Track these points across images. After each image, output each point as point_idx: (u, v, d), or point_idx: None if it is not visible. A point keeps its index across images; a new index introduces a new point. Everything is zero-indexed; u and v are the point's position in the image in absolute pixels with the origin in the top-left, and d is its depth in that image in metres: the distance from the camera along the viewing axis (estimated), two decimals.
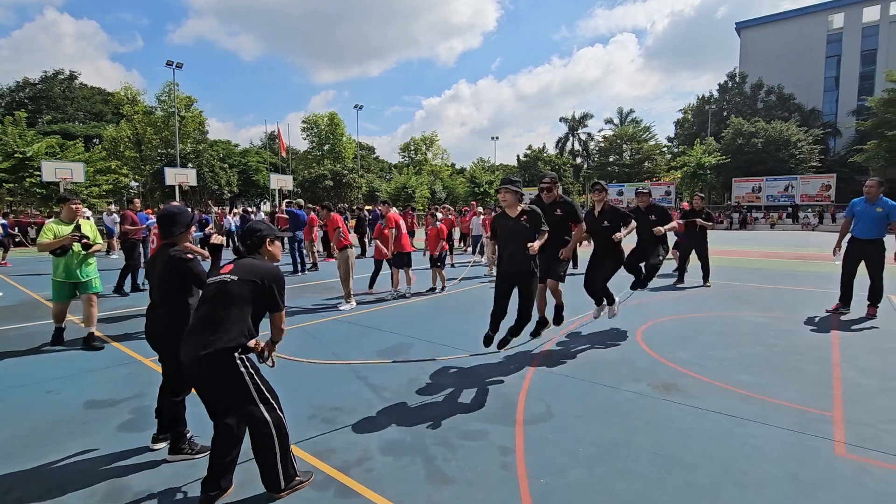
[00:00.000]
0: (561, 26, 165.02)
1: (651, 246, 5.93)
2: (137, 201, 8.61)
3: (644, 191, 6.21)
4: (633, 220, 5.14)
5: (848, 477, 2.64)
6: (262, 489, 2.51)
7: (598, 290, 5.27)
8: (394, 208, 8.74)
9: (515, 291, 4.20)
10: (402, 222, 8.33)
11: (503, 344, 4.37)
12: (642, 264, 5.99)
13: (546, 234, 4.02)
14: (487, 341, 4.29)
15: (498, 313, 4.21)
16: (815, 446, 2.98)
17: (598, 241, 5.18)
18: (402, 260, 8.10)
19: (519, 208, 4.05)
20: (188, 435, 2.95)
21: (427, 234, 8.76)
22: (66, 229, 5.05)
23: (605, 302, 5.31)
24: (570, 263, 4.75)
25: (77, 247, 5.08)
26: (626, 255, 6.04)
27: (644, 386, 4.00)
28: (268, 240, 2.58)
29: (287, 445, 2.46)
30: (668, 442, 3.05)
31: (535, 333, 4.78)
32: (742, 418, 3.36)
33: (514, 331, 4.31)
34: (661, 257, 5.96)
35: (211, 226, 15.17)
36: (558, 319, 4.78)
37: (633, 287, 6.11)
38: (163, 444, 2.99)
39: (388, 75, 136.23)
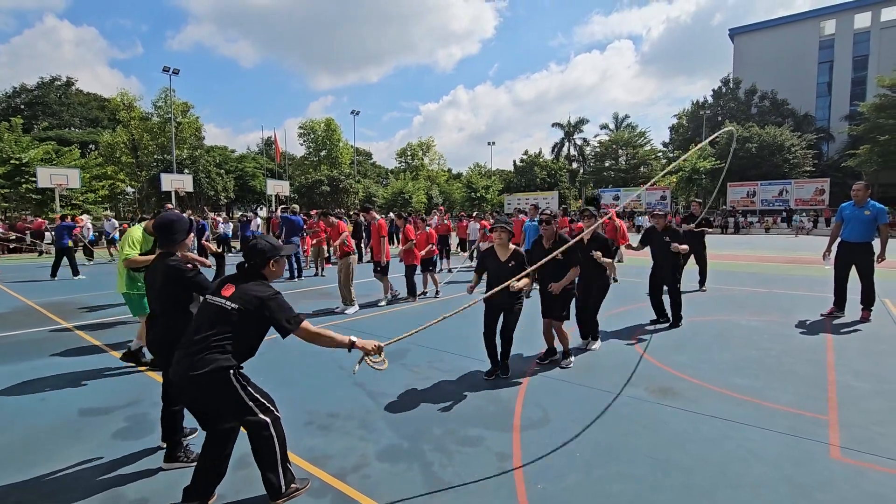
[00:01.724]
0: (558, 33, 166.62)
1: (667, 266, 6.00)
2: (169, 206, 8.54)
3: (660, 213, 6.25)
4: (610, 256, 5.13)
5: (843, 479, 2.65)
6: (255, 495, 2.50)
7: (587, 318, 5.25)
8: (389, 215, 8.85)
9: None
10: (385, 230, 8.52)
11: (505, 370, 4.46)
12: (664, 296, 6.13)
13: (528, 280, 4.22)
14: (491, 375, 4.39)
15: (489, 335, 4.40)
16: (811, 449, 2.99)
17: (585, 265, 5.18)
18: (385, 268, 8.14)
19: (511, 248, 4.32)
20: (185, 443, 2.94)
21: (417, 239, 8.80)
22: (150, 241, 4.55)
23: (589, 337, 5.33)
24: (572, 300, 4.77)
25: None
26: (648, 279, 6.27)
27: (640, 390, 4.01)
28: (271, 261, 2.55)
29: (286, 449, 2.47)
30: (664, 445, 3.06)
31: (543, 359, 4.82)
32: (738, 422, 3.38)
33: (504, 354, 4.44)
34: (678, 278, 6.06)
35: (207, 233, 15.12)
36: (565, 364, 4.77)
37: (672, 327, 6.14)
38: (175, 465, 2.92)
39: (387, 81, 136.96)
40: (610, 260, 5.05)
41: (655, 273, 6.28)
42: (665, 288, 6.20)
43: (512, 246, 4.33)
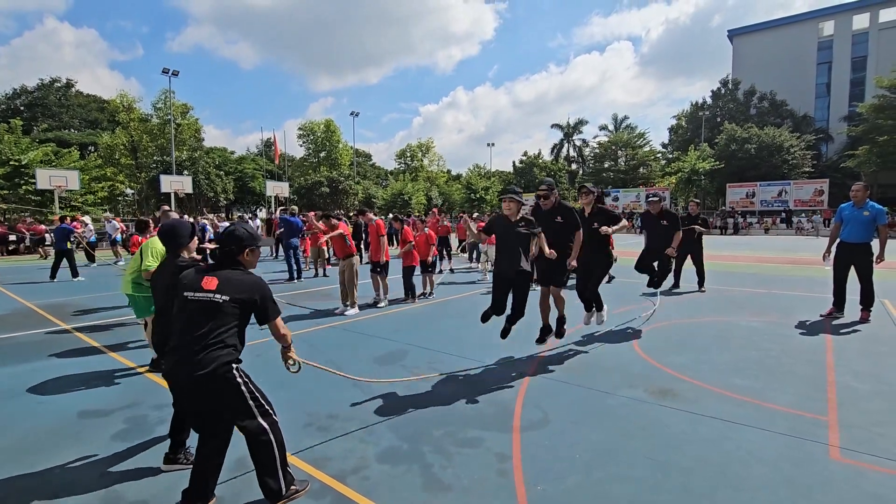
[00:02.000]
0: (557, 34, 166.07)
1: (662, 249, 6.12)
2: (166, 207, 8.66)
3: (655, 198, 6.34)
4: (623, 219, 5.20)
5: (843, 480, 2.65)
6: (255, 498, 2.50)
7: (589, 296, 5.29)
8: (389, 215, 8.88)
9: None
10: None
11: (505, 334, 4.55)
12: (655, 264, 6.22)
13: (542, 234, 4.29)
14: (485, 318, 4.45)
15: (496, 309, 4.42)
16: (810, 450, 2.99)
17: (586, 243, 5.20)
18: (384, 267, 8.18)
19: (519, 215, 4.32)
20: (187, 445, 2.94)
21: (416, 241, 8.84)
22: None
23: (594, 308, 5.34)
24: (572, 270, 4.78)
25: None
26: (637, 259, 6.35)
27: (640, 391, 4.01)
28: (248, 249, 2.53)
29: (284, 451, 2.46)
30: (664, 447, 3.06)
31: (541, 340, 4.81)
32: (737, 423, 3.38)
33: (512, 319, 4.48)
34: (671, 261, 6.19)
35: (209, 233, 15.11)
36: (560, 332, 4.75)
37: (650, 285, 6.44)
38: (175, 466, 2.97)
39: (387, 82, 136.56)
40: (616, 227, 5.05)
41: (646, 255, 6.32)
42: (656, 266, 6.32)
43: (520, 213, 4.33)
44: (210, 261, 3.20)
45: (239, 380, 2.34)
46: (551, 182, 4.83)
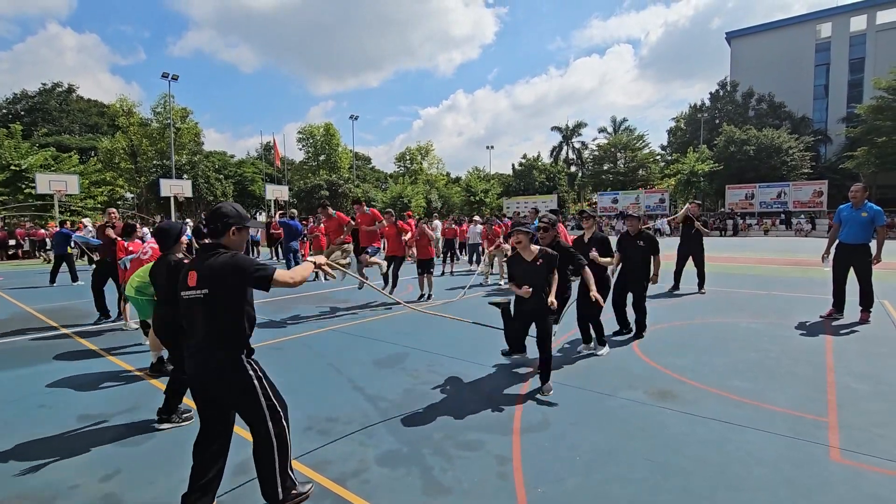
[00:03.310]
0: (557, 37, 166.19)
1: (636, 274, 5.64)
2: (114, 213, 8.87)
3: (634, 215, 5.86)
4: (616, 253, 5.10)
5: (842, 481, 2.65)
6: (256, 502, 2.50)
7: (588, 325, 5.13)
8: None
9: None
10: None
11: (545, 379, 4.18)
12: (629, 303, 5.77)
13: (557, 281, 4.15)
14: (506, 353, 4.44)
15: (513, 337, 4.35)
16: (810, 451, 2.99)
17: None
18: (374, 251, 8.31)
19: (535, 249, 4.11)
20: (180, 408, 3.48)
21: (416, 242, 8.84)
22: None
23: (593, 343, 5.20)
24: (566, 305, 4.59)
25: None
26: (612, 286, 5.73)
27: (640, 393, 4.01)
28: (234, 228, 2.36)
29: (287, 457, 2.44)
30: (663, 448, 3.06)
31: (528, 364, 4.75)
32: (737, 424, 3.38)
33: (544, 377, 4.12)
34: (645, 285, 5.66)
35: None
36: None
37: (636, 337, 5.76)
38: (167, 425, 3.48)
39: (387, 86, 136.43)
40: (608, 259, 5.02)
41: (622, 280, 5.73)
42: (631, 299, 5.73)
43: (535, 247, 4.12)
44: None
45: (251, 373, 2.30)
46: (554, 219, 4.64)
